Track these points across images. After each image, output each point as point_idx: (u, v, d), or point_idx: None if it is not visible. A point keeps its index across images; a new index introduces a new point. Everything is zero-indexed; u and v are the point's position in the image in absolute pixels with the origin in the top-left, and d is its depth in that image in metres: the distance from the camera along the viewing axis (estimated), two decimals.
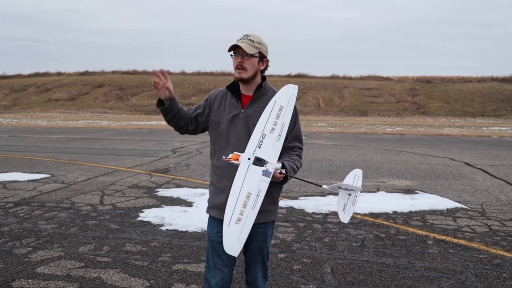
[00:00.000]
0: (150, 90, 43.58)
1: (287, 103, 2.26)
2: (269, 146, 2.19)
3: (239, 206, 2.09)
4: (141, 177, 8.23)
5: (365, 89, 41.99)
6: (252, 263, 2.51)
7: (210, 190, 2.51)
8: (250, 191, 2.11)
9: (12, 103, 42.94)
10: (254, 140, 2.19)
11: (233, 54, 2.33)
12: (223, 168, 2.37)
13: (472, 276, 3.68)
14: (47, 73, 53.72)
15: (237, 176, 2.14)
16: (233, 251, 2.09)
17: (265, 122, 2.21)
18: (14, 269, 3.71)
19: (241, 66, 2.29)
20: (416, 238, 4.71)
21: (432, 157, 11.92)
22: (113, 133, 19.69)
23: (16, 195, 6.58)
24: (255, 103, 2.37)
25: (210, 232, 2.47)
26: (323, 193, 6.90)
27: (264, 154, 2.17)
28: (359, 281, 3.56)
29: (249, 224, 2.09)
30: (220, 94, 2.47)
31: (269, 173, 2.15)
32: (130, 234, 4.73)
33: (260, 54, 2.33)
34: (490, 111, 35.37)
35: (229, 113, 2.38)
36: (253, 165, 2.14)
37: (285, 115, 2.24)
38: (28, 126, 24.24)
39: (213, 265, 2.45)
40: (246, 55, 2.28)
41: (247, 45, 2.27)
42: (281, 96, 2.27)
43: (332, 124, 28.80)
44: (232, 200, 2.10)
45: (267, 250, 2.52)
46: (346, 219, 2.25)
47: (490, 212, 5.89)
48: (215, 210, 2.43)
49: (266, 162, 2.16)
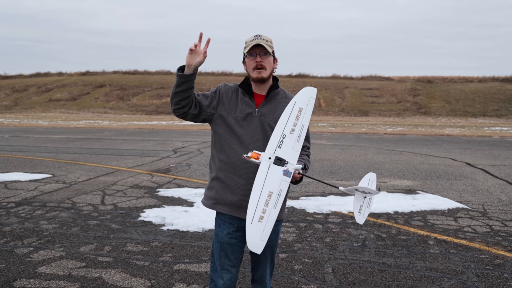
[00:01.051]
0: (151, 90, 43.63)
1: (306, 105, 2.28)
2: (289, 146, 2.20)
3: (261, 204, 2.10)
4: (142, 177, 8.23)
5: (366, 89, 41.96)
6: (263, 261, 2.52)
7: (215, 185, 2.44)
8: (272, 190, 2.13)
9: (14, 103, 42.99)
10: (274, 140, 2.19)
11: (248, 54, 2.33)
12: (235, 164, 2.34)
13: (473, 276, 3.68)
14: (48, 73, 53.78)
15: (258, 175, 2.14)
16: (256, 249, 2.10)
17: (285, 123, 2.22)
18: (16, 269, 3.72)
19: (261, 65, 2.31)
20: (417, 238, 4.71)
21: (433, 157, 11.91)
22: (114, 133, 19.70)
23: (17, 195, 6.59)
24: (269, 103, 2.39)
25: (220, 233, 2.43)
26: (324, 193, 6.90)
27: (285, 154, 2.19)
28: (360, 281, 3.56)
29: (271, 223, 2.11)
30: (231, 89, 2.44)
31: (290, 173, 2.17)
32: (131, 234, 4.73)
33: (273, 53, 2.38)
34: (491, 111, 35.32)
35: (242, 111, 2.36)
36: (274, 164, 2.16)
37: (304, 117, 2.26)
38: (30, 126, 24.27)
39: (220, 266, 2.44)
40: (265, 54, 2.31)
41: (265, 44, 2.30)
42: (301, 98, 2.28)
43: (333, 124, 28.79)
44: (254, 198, 2.11)
45: (276, 247, 2.56)
46: (361, 220, 2.35)
47: (492, 212, 5.89)
48: (226, 207, 2.39)
49: (287, 162, 2.18)
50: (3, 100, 43.88)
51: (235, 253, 2.44)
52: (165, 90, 42.83)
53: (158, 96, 41.92)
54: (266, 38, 2.33)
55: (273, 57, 2.38)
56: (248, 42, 2.33)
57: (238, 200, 2.35)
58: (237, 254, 2.45)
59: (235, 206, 2.36)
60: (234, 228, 2.40)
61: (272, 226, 2.12)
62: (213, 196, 2.45)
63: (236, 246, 2.42)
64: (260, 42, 2.29)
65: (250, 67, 2.34)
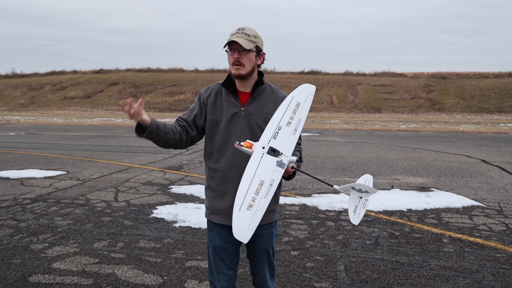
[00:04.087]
0: (163, 87, 43.86)
1: (304, 101, 2.22)
2: (284, 138, 2.13)
3: (251, 192, 1.98)
4: (155, 174, 8.29)
5: (379, 85, 41.57)
6: (260, 265, 2.42)
7: (207, 195, 2.37)
8: (263, 179, 2.02)
9: (29, 101, 43.67)
10: (269, 130, 2.11)
11: (228, 49, 2.22)
12: (224, 170, 2.26)
13: (489, 276, 3.61)
14: (63, 71, 54.48)
15: (250, 163, 2.04)
16: (242, 238, 1.96)
17: (281, 115, 2.14)
18: (31, 264, 3.78)
19: (239, 62, 2.19)
20: (431, 236, 4.65)
21: (447, 154, 11.75)
22: (127, 131, 19.87)
23: (33, 191, 6.69)
24: (255, 101, 2.28)
25: (212, 238, 2.36)
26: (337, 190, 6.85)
27: (279, 145, 2.11)
28: (373, 279, 3.53)
29: (260, 212, 1.99)
30: (214, 91, 2.32)
31: (283, 164, 2.09)
32: (144, 230, 4.76)
33: (257, 48, 2.24)
34: (507, 107, 34.67)
35: (227, 111, 2.26)
36: (267, 154, 2.08)
37: (301, 111, 2.20)
38: (45, 124, 24.63)
39: (216, 269, 2.36)
40: (243, 51, 2.18)
41: (244, 40, 2.17)
42: (299, 94, 2.22)
43: (346, 121, 28.60)
44: (244, 186, 1.99)
45: (273, 250, 2.45)
46: (356, 221, 2.25)
47: (508, 210, 5.78)
48: (218, 216, 2.31)
49: (281, 154, 2.10)
50: (19, 98, 44.61)
51: (230, 257, 2.35)
52: (178, 87, 43.04)
53: (171, 94, 42.14)
54: (249, 32, 2.20)
55: (257, 52, 2.25)
56: (230, 36, 2.21)
57: (228, 207, 2.23)
58: (232, 257, 2.36)
59: (226, 214, 2.24)
60: (226, 233, 2.30)
61: (261, 216, 1.98)
62: (208, 206, 2.38)
63: (230, 250, 2.35)
64: (238, 38, 2.16)
65: (229, 62, 2.23)
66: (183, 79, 45.29)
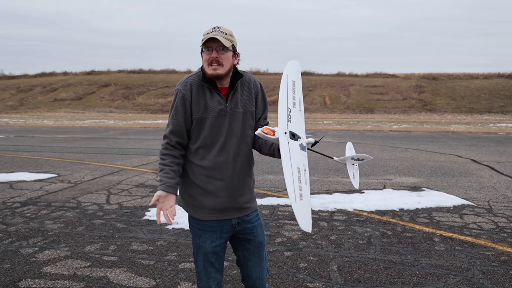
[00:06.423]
0: (156, 89, 43.71)
1: (297, 78, 2.21)
2: (296, 120, 2.09)
3: (297, 181, 1.92)
4: (147, 176, 8.25)
5: (371, 86, 41.82)
6: (257, 262, 2.35)
7: (192, 192, 2.25)
8: (299, 166, 1.96)
9: (19, 103, 43.25)
10: (282, 114, 2.03)
11: (204, 48, 2.14)
12: (212, 168, 2.19)
13: (479, 273, 3.65)
14: (53, 73, 54.08)
15: (283, 152, 1.93)
16: (307, 227, 1.89)
17: (286, 97, 2.08)
18: (21, 268, 3.74)
19: (217, 61, 2.11)
20: (423, 235, 4.69)
21: (438, 154, 11.85)
22: (119, 132, 19.77)
23: (22, 195, 6.63)
24: (236, 93, 2.23)
25: (202, 245, 2.26)
26: (329, 190, 6.88)
27: (296, 128, 2.06)
28: (366, 278, 3.55)
29: (308, 199, 1.95)
30: (194, 87, 2.19)
31: (305, 147, 2.05)
32: (137, 233, 4.74)
33: (233, 48, 2.18)
34: (496, 108, 35.09)
35: (214, 109, 2.18)
36: (291, 139, 1.99)
37: (298, 90, 2.18)
38: (35, 126, 24.41)
39: (206, 275, 2.29)
40: (222, 49, 2.11)
41: (223, 38, 2.10)
42: (291, 71, 2.19)
43: (338, 121, 28.72)
44: (289, 176, 1.89)
45: (265, 241, 2.40)
46: (357, 184, 2.52)
47: (497, 209, 5.85)
48: (211, 213, 2.22)
49: (299, 137, 2.06)
50: (9, 100, 44.15)
51: (219, 259, 2.31)
52: (170, 89, 42.90)
53: (163, 95, 42.00)
54: (225, 31, 2.14)
55: (234, 51, 2.19)
56: (206, 35, 2.12)
57: (220, 204, 2.21)
58: (221, 259, 2.33)
59: (218, 210, 2.21)
60: (217, 235, 2.25)
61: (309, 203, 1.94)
62: (191, 203, 2.27)
63: (220, 253, 2.30)
64: (217, 35, 2.09)
65: (205, 62, 2.14)
66: (175, 80, 45.18)
